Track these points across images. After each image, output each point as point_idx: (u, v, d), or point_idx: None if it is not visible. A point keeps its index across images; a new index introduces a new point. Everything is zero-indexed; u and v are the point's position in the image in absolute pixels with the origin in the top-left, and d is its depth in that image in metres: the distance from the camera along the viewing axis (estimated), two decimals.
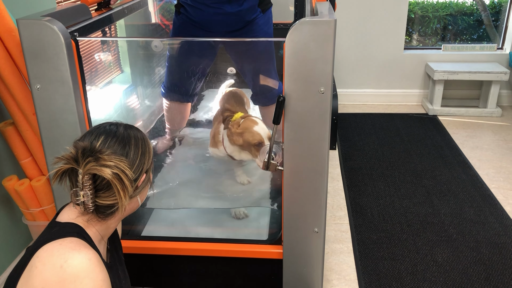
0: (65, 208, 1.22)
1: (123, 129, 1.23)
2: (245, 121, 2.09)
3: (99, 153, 1.13)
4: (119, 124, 1.25)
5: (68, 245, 1.08)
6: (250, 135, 2.02)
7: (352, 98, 4.18)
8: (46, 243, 1.08)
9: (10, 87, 1.90)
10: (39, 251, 1.07)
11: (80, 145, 1.15)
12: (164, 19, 3.28)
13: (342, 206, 2.63)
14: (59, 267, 1.03)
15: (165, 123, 2.63)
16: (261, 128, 2.03)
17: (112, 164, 1.12)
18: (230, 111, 2.26)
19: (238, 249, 1.84)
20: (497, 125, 3.69)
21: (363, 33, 3.96)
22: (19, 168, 2.16)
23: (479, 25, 4.17)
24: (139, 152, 1.21)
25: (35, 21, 1.50)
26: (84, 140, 1.18)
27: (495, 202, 2.65)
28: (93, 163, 1.11)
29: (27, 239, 2.26)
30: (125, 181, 1.13)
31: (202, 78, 2.46)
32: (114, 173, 1.12)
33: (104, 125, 1.23)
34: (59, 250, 1.06)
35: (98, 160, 1.12)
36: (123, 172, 1.13)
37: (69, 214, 1.18)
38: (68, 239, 1.10)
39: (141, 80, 3.00)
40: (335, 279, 2.08)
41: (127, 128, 1.24)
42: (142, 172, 1.22)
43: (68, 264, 1.04)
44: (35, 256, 1.07)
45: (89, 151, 1.13)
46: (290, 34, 1.46)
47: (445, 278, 2.08)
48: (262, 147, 1.99)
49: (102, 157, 1.12)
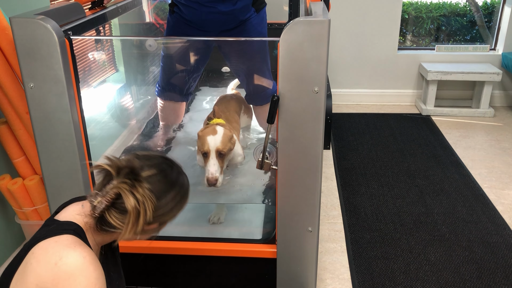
0: (67, 207, 1.21)
1: (176, 174, 1.22)
2: (208, 127, 2.03)
3: (138, 182, 1.13)
4: (175, 166, 1.24)
5: (63, 243, 1.08)
6: (200, 142, 1.99)
7: (346, 98, 4.20)
8: (42, 239, 1.08)
9: (3, 85, 1.89)
10: (34, 247, 1.08)
11: (133, 163, 1.15)
12: (158, 18, 3.28)
13: (336, 206, 2.64)
14: (54, 264, 1.04)
15: (159, 122, 2.63)
16: (214, 139, 1.96)
17: (140, 199, 1.12)
18: (213, 115, 2.21)
19: (232, 249, 1.84)
20: (489, 125, 3.72)
21: (357, 33, 3.98)
22: (12, 167, 2.15)
23: (472, 26, 4.20)
24: (172, 204, 1.20)
25: (28, 19, 1.49)
26: (140, 160, 1.18)
27: (487, 202, 2.67)
28: (127, 186, 1.11)
29: (20, 239, 2.25)
30: (140, 219, 1.13)
31: (197, 77, 2.46)
32: (136, 207, 1.11)
33: (163, 160, 1.23)
34: (54, 247, 1.06)
35: (133, 187, 1.12)
36: (144, 211, 1.12)
37: (72, 214, 1.18)
38: (64, 236, 1.10)
39: (135, 79, 2.99)
40: (328, 278, 2.09)
41: (179, 174, 1.24)
42: (160, 221, 1.20)
43: (62, 261, 1.04)
44: (31, 253, 1.07)
45: (133, 174, 1.13)
46: (284, 33, 1.46)
47: (437, 277, 2.09)
48: (207, 160, 1.95)
49: (137, 188, 1.12)
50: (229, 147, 2.00)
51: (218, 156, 1.96)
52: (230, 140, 2.02)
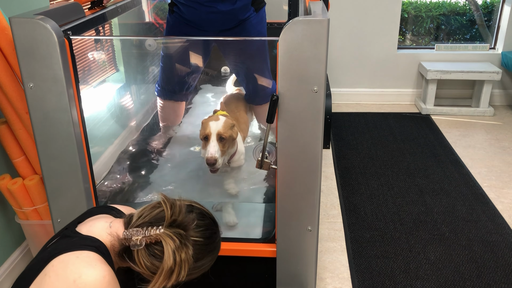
0: (93, 220, 1.18)
1: (218, 240, 1.23)
2: (212, 116, 2.10)
3: (185, 246, 1.11)
4: (219, 230, 1.24)
5: (84, 259, 1.05)
6: (203, 128, 2.04)
7: (346, 97, 4.20)
8: (64, 252, 1.06)
9: (3, 85, 1.90)
10: (54, 260, 1.05)
11: (188, 220, 1.14)
12: (158, 18, 3.28)
13: (335, 205, 2.64)
14: (72, 281, 1.02)
15: (158, 121, 2.63)
16: (216, 124, 2.01)
17: (180, 262, 1.10)
18: (220, 109, 2.26)
19: (232, 248, 1.84)
20: (489, 124, 3.72)
21: (357, 33, 3.98)
22: (12, 167, 2.15)
23: (472, 25, 4.20)
24: (206, 267, 1.21)
25: (28, 19, 1.49)
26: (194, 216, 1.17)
27: (487, 201, 2.67)
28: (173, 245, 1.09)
29: (20, 238, 2.26)
30: (173, 277, 1.11)
31: (196, 76, 2.46)
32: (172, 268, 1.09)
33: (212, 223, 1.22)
34: (74, 263, 1.04)
35: (178, 248, 1.10)
36: (178, 273, 1.11)
37: (97, 228, 1.15)
38: (85, 252, 1.07)
39: (135, 79, 2.99)
40: (328, 277, 2.09)
41: (219, 239, 1.25)
42: (189, 277, 1.19)
43: (82, 279, 1.02)
44: (50, 265, 1.05)
45: (184, 234, 1.12)
46: (284, 33, 1.46)
47: (437, 276, 2.10)
48: (208, 142, 1.99)
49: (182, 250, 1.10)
50: (230, 134, 2.03)
51: (218, 140, 1.99)
52: (231, 127, 2.05)
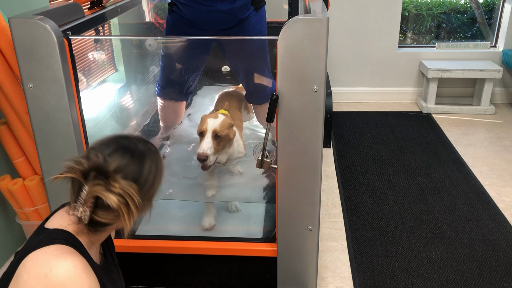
0: (56, 213, 1.18)
1: (139, 146, 1.15)
2: (212, 112, 2.11)
3: (111, 179, 1.07)
4: (134, 138, 1.17)
5: (53, 253, 1.05)
6: (200, 124, 2.03)
7: (347, 96, 4.19)
8: (32, 251, 1.06)
9: (3, 86, 1.89)
10: (25, 259, 1.05)
11: (94, 160, 1.09)
12: (157, 18, 3.27)
13: (336, 204, 2.64)
14: (44, 276, 1.01)
15: (159, 121, 2.63)
16: (213, 121, 1.99)
17: (121, 192, 1.07)
18: (220, 107, 2.27)
19: (232, 247, 1.84)
20: (490, 123, 3.71)
21: (357, 32, 3.97)
22: (12, 167, 2.15)
23: (473, 23, 4.19)
24: (152, 177, 1.15)
25: (27, 19, 1.49)
26: (98, 152, 1.11)
27: (488, 199, 2.66)
28: (102, 187, 1.06)
29: (21, 239, 2.26)
30: (131, 207, 1.09)
31: (196, 76, 2.46)
32: (121, 201, 1.07)
33: (119, 139, 1.16)
34: (43, 258, 1.04)
35: (108, 185, 1.07)
36: (131, 199, 1.08)
37: (60, 221, 1.14)
38: (53, 246, 1.07)
39: (135, 79, 2.99)
40: (329, 277, 2.09)
41: (142, 144, 1.17)
42: (149, 196, 1.17)
43: (53, 272, 1.01)
44: (21, 265, 1.05)
45: (101, 172, 1.08)
46: (283, 32, 1.46)
47: (438, 274, 2.09)
48: (203, 138, 1.96)
49: (112, 184, 1.07)
50: (226, 133, 2.01)
51: (214, 137, 1.97)
52: (229, 127, 2.04)
